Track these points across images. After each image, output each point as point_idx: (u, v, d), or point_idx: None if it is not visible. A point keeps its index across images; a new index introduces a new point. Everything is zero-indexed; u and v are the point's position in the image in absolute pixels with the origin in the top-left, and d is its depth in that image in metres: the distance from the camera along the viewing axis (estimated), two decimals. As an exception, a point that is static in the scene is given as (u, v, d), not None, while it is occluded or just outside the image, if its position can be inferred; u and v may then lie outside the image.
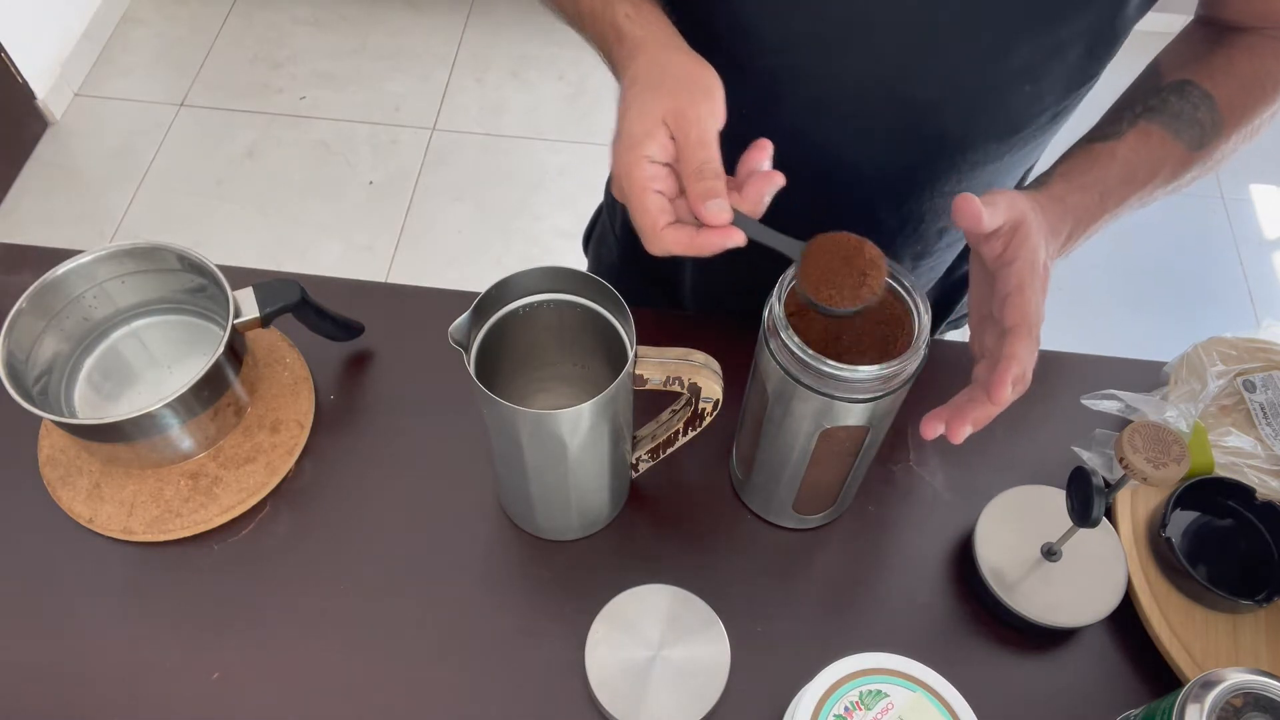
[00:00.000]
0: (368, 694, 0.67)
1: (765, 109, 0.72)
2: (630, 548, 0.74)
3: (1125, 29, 0.65)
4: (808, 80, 0.69)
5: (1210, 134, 0.66)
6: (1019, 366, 0.54)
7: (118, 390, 0.77)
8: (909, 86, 0.67)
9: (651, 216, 0.54)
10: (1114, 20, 0.63)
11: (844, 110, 0.70)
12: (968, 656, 0.70)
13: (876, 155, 0.73)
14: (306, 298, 0.75)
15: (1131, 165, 0.64)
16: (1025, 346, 0.55)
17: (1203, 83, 0.66)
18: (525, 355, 0.68)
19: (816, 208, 0.73)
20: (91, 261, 0.74)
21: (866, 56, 0.66)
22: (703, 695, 0.65)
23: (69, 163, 2.26)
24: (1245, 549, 0.72)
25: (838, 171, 0.74)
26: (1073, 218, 0.62)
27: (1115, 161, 0.64)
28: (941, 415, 0.56)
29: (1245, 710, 0.52)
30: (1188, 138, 0.65)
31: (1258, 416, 0.77)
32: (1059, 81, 0.68)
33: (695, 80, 0.56)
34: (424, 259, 2.12)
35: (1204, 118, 0.66)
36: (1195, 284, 2.14)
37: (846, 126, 0.71)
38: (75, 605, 0.70)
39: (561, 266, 0.63)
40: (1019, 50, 0.64)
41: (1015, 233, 0.56)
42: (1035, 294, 0.56)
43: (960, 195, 0.54)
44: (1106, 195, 0.63)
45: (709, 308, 0.95)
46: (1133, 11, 0.63)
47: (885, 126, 0.71)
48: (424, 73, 2.41)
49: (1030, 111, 0.70)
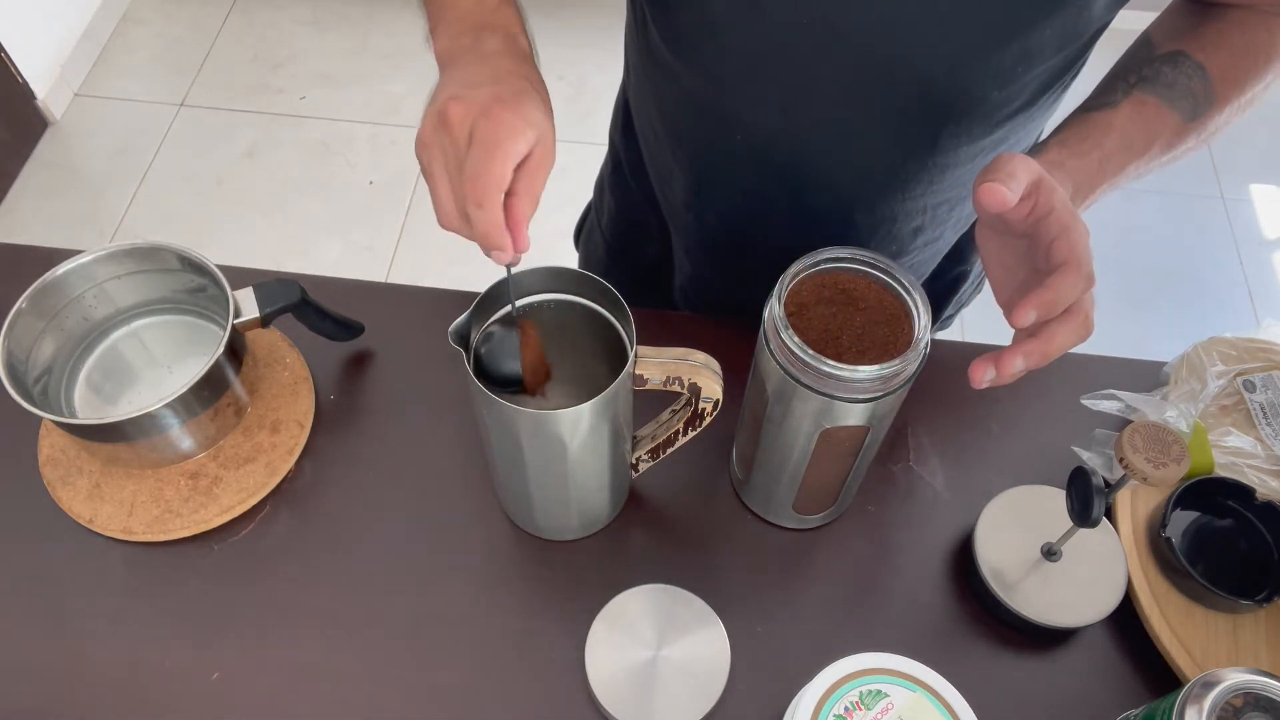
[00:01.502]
0: (368, 694, 0.67)
1: (735, 113, 0.72)
2: (630, 548, 0.74)
3: (1095, 33, 0.66)
4: (777, 86, 0.69)
5: (1204, 105, 0.66)
6: (1052, 294, 0.52)
7: (118, 390, 0.77)
8: (877, 92, 0.67)
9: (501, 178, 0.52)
10: (1079, 23, 0.63)
11: (814, 116, 0.70)
12: (968, 656, 0.70)
13: (848, 159, 0.73)
14: (306, 298, 0.75)
15: (1128, 134, 0.64)
16: (1069, 280, 0.53)
17: (1195, 54, 0.67)
18: (525, 355, 0.68)
19: (791, 211, 0.73)
20: (91, 261, 0.74)
21: (835, 63, 0.66)
22: (703, 695, 0.65)
23: (69, 163, 2.26)
24: (1245, 549, 0.72)
25: (810, 175, 0.74)
26: (1073, 182, 0.61)
27: (1112, 130, 0.64)
28: (990, 358, 0.54)
29: (1245, 710, 0.52)
30: (1182, 108, 0.66)
31: (1258, 416, 0.77)
32: (1029, 85, 0.68)
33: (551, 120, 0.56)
34: (424, 259, 2.12)
35: (1197, 88, 0.66)
36: (1195, 284, 2.14)
37: (817, 132, 0.72)
38: (75, 605, 0.70)
39: (561, 266, 0.63)
40: (987, 56, 0.64)
41: (1039, 188, 0.55)
42: (1081, 234, 0.54)
43: (982, 187, 0.53)
44: (1105, 162, 0.63)
45: (698, 307, 0.95)
46: (1100, 12, 0.63)
47: (855, 131, 0.71)
48: (424, 73, 2.39)
49: (1000, 115, 0.70)
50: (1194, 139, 0.67)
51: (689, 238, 0.89)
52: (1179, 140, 0.67)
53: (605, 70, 0.66)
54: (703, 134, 0.75)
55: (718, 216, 0.83)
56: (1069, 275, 0.53)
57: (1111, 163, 0.64)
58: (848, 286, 0.60)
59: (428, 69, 0.57)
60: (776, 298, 0.58)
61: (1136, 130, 0.65)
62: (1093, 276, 0.54)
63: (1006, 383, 0.55)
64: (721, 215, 0.83)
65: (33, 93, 2.22)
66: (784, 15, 0.64)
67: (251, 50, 2.47)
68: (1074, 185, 0.61)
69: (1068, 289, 0.53)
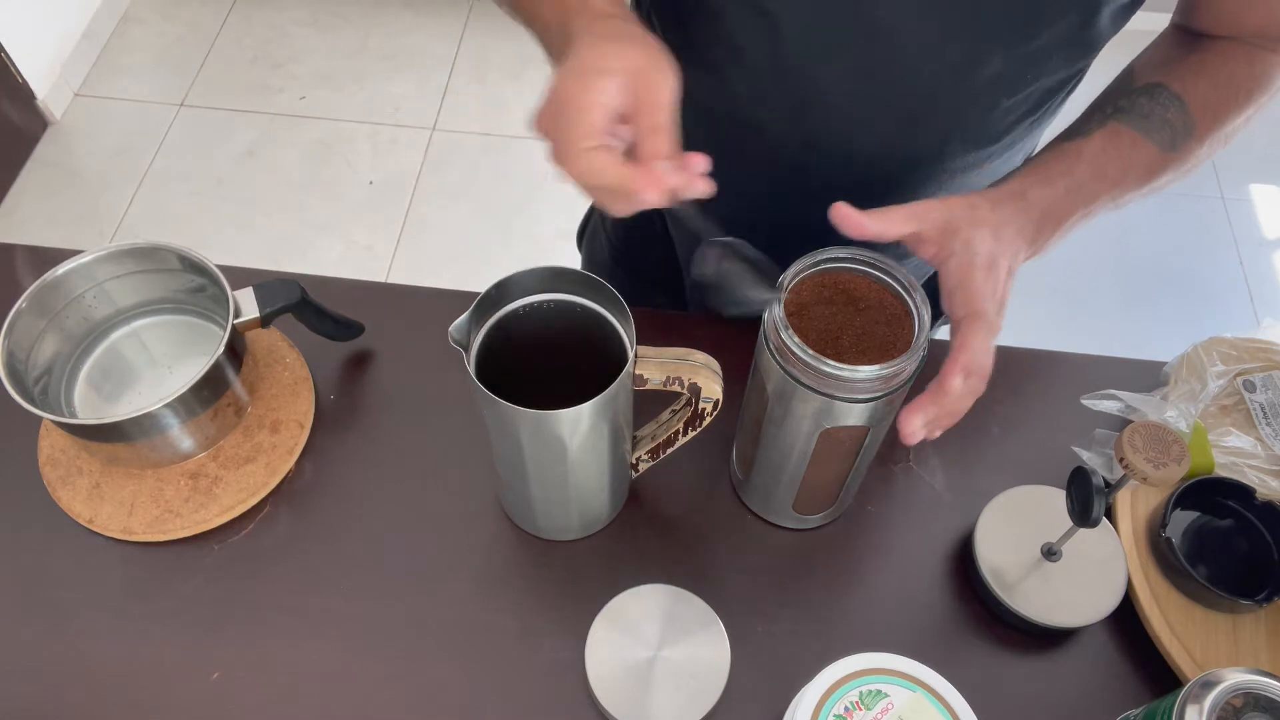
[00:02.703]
0: (367, 694, 0.67)
1: (746, 117, 0.72)
2: (630, 548, 0.74)
3: (1101, 38, 0.65)
4: (787, 91, 0.69)
5: (1182, 135, 0.66)
6: (968, 355, 0.55)
7: (118, 390, 0.77)
8: (887, 98, 0.67)
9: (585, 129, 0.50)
10: (1087, 31, 0.63)
11: (823, 121, 0.70)
12: (968, 656, 0.70)
13: (856, 166, 0.73)
14: (306, 298, 0.75)
15: (1100, 162, 0.64)
16: (977, 336, 0.55)
17: (1173, 85, 0.67)
18: (525, 355, 0.68)
19: (798, 217, 0.73)
20: (91, 261, 0.73)
21: (843, 70, 0.66)
22: (703, 695, 0.65)
23: (69, 163, 2.26)
24: (1245, 549, 0.72)
25: (818, 179, 0.74)
26: (1038, 210, 0.62)
27: (1082, 158, 0.64)
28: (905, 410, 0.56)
29: (1245, 710, 0.52)
30: (1158, 138, 0.65)
31: (1258, 416, 0.77)
32: (1036, 92, 0.68)
33: (657, 54, 0.53)
34: (424, 259, 2.12)
35: (1175, 119, 0.66)
36: (1195, 284, 2.14)
37: (826, 137, 0.72)
38: (75, 605, 0.70)
39: (561, 266, 0.63)
40: (994, 62, 0.64)
41: (944, 233, 0.57)
42: (979, 285, 0.56)
43: (835, 207, 0.56)
44: (1075, 190, 0.63)
45: (705, 308, 0.95)
46: (1107, 22, 0.63)
47: (863, 138, 0.71)
48: (424, 73, 2.41)
49: (1008, 120, 0.70)
50: (1174, 170, 0.67)
51: (694, 241, 0.89)
52: (1157, 171, 0.66)
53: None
54: (712, 139, 0.76)
55: (724, 221, 0.83)
56: (970, 332, 0.55)
57: (1083, 191, 0.63)
58: (848, 286, 0.60)
59: (428, 69, 0.57)
60: (776, 298, 0.58)
61: (1109, 159, 0.64)
62: (996, 328, 0.56)
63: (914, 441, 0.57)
64: (726, 220, 0.83)
65: (33, 93, 2.22)
66: (799, 25, 0.64)
67: (251, 50, 2.47)
68: (1039, 213, 0.62)
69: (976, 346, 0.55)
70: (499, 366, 0.63)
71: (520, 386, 0.62)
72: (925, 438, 0.58)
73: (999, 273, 0.58)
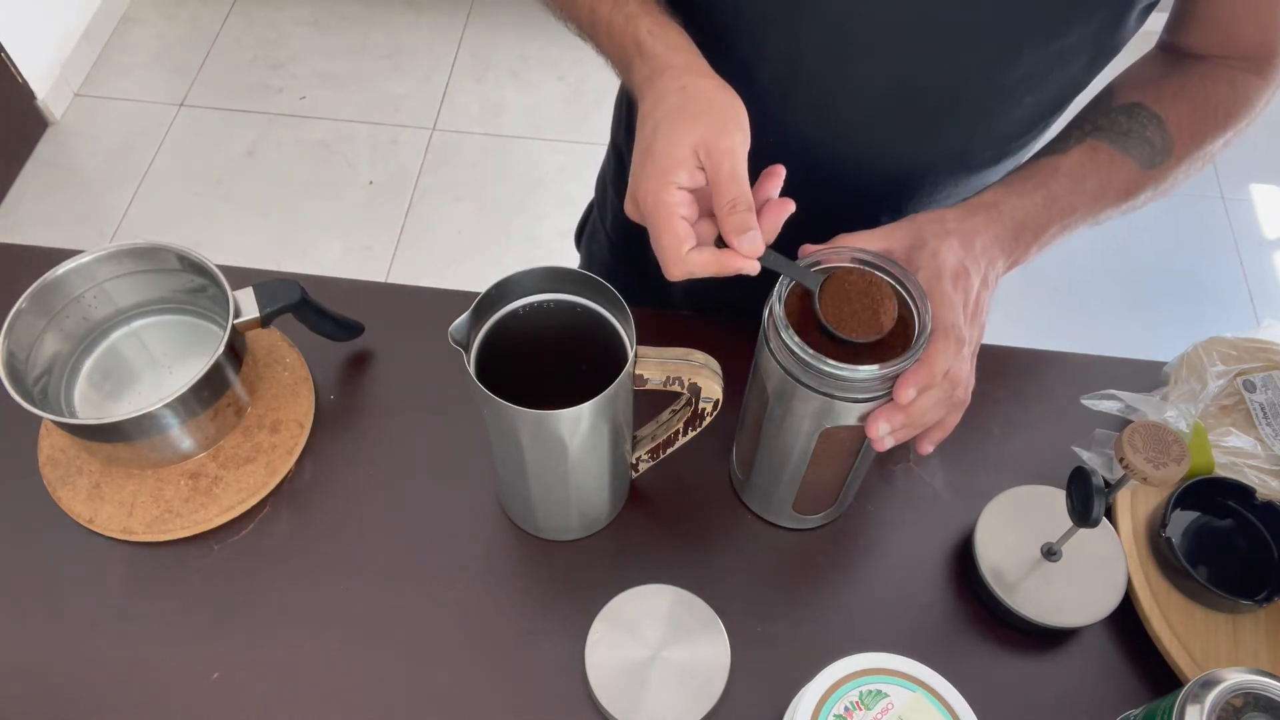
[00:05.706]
0: (368, 694, 0.67)
1: (769, 115, 0.72)
2: (630, 548, 0.74)
3: (1124, 39, 0.66)
4: (812, 88, 0.69)
5: (1160, 154, 0.66)
6: (926, 369, 0.56)
7: (118, 390, 0.77)
8: (913, 96, 0.67)
9: (678, 241, 0.55)
10: (1117, 30, 0.63)
11: (847, 118, 0.70)
12: (968, 656, 0.70)
13: (879, 162, 0.73)
14: (306, 298, 0.75)
15: (1077, 177, 0.65)
16: (941, 350, 0.56)
17: (1152, 105, 0.67)
18: (525, 355, 0.68)
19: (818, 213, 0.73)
20: (91, 261, 0.74)
21: (870, 66, 0.66)
22: (703, 695, 0.65)
23: (69, 163, 2.26)
24: (1245, 549, 0.72)
25: (840, 177, 0.74)
26: (1012, 221, 0.62)
27: (1059, 172, 0.65)
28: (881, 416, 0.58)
29: (1245, 710, 0.52)
30: (1137, 155, 0.66)
31: (1258, 416, 0.77)
32: (1058, 91, 0.68)
33: (725, 109, 0.56)
34: (424, 259, 2.12)
35: (1153, 136, 0.66)
36: (1195, 284, 2.14)
37: (849, 134, 0.71)
38: (75, 605, 0.70)
39: (561, 266, 0.63)
40: (1022, 60, 0.64)
41: (911, 248, 0.60)
42: (947, 294, 0.57)
43: (801, 248, 0.59)
44: (1052, 202, 0.64)
45: (700, 306, 0.95)
46: (1134, 22, 0.63)
47: (888, 135, 0.71)
48: (424, 73, 2.40)
49: (1028, 119, 0.70)
50: (1152, 189, 0.67)
51: None
52: (1135, 188, 0.67)
53: (606, 69, 0.66)
54: None
55: None
56: (935, 347, 0.56)
57: (1060, 203, 0.64)
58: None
59: (428, 69, 0.57)
60: (777, 298, 0.58)
61: (1087, 174, 0.65)
62: (962, 340, 0.57)
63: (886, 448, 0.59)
64: None
65: (33, 93, 2.22)
66: (825, 19, 0.64)
67: (251, 50, 2.47)
68: (1015, 224, 0.62)
69: (939, 359, 0.56)
70: (499, 367, 0.63)
71: (520, 387, 0.62)
72: (922, 451, 0.60)
73: (969, 281, 0.59)
